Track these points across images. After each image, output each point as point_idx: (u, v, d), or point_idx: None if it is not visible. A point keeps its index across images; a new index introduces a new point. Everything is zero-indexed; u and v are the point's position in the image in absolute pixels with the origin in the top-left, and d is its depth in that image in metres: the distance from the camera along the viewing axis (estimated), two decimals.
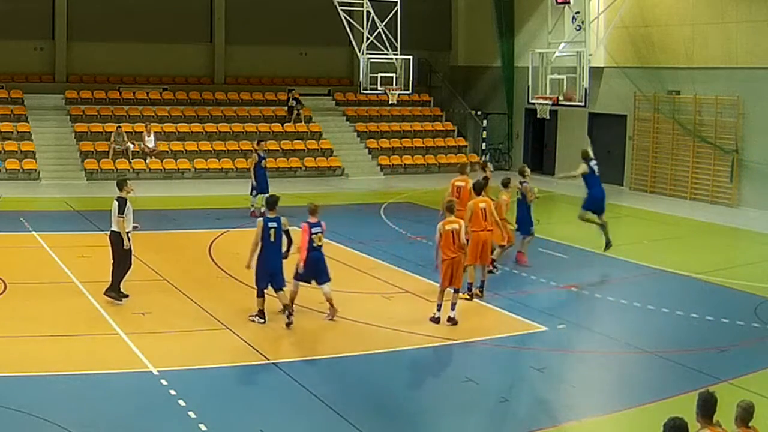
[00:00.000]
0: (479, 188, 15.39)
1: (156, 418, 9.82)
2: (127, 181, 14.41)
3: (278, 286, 13.36)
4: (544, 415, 10.54)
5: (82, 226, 21.01)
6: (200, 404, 10.12)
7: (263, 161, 22.49)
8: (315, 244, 13.29)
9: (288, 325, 13.14)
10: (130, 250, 14.12)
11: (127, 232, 13.99)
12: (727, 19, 25.44)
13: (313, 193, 26.05)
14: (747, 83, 24.90)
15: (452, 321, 13.52)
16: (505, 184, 17.22)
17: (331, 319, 13.55)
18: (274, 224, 13.21)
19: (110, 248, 14.20)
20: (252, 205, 22.29)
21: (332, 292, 13.52)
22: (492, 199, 15.82)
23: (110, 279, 14.19)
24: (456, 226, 13.46)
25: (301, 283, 13.51)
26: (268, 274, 13.29)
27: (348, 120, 34.17)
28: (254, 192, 22.26)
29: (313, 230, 13.28)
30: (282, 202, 13.75)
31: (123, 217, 13.88)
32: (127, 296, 14.32)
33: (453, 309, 13.55)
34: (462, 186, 17.43)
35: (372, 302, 15.07)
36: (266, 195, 15.63)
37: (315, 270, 13.39)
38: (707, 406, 6.90)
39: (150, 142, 29.62)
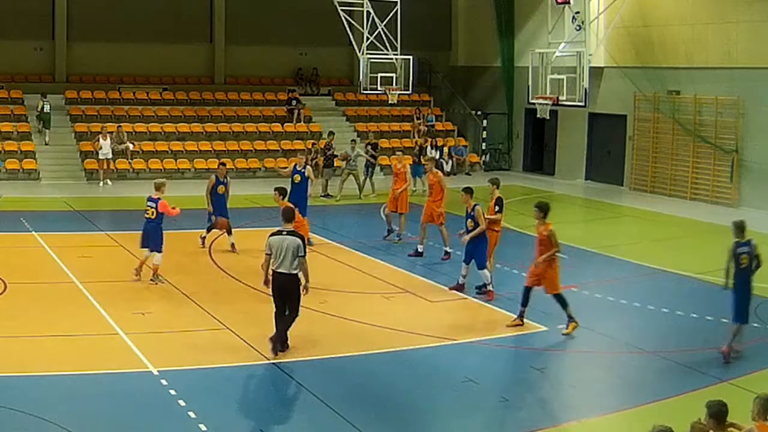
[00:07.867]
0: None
1: (156, 418, 9.82)
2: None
3: None
4: (544, 415, 10.54)
5: (82, 226, 21.02)
6: (200, 404, 10.12)
7: (220, 186, 18.21)
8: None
9: None
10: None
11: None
12: (727, 19, 25.43)
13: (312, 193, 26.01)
14: (747, 83, 24.88)
15: None
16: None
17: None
18: None
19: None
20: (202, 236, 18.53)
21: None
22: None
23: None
24: None
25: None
26: None
27: (348, 120, 34.15)
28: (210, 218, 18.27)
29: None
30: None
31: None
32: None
33: None
34: None
35: (372, 302, 15.08)
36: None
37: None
38: (720, 416, 7.17)
39: (104, 147, 27.49)
